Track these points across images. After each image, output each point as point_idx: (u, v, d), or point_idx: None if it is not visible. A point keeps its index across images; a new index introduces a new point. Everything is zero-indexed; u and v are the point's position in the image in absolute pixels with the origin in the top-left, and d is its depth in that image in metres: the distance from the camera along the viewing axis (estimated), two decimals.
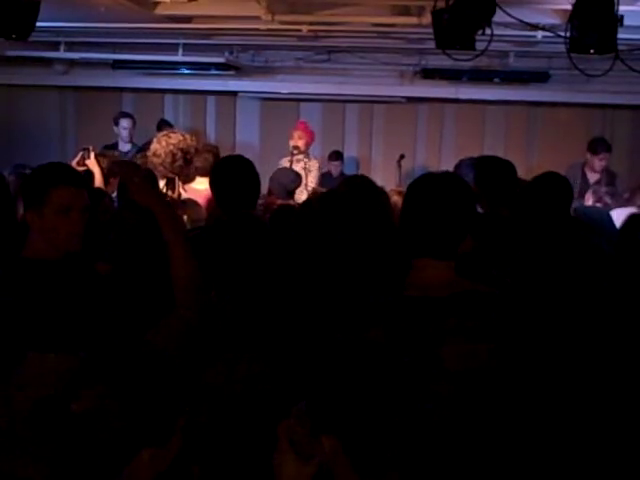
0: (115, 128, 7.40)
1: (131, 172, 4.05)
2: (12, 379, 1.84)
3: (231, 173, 3.17)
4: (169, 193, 4.13)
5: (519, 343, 1.75)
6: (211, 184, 3.29)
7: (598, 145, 6.44)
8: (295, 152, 6.40)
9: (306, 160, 6.49)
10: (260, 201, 3.93)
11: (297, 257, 3.02)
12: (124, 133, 7.32)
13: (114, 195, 4.29)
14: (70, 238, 2.24)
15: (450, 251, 1.85)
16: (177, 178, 4.24)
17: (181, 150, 4.35)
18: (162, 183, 4.18)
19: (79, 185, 2.31)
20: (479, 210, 3.15)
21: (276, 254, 3.03)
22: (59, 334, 2.04)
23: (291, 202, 4.80)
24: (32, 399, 1.82)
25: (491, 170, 3.70)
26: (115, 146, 7.10)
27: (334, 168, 7.74)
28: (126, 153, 6.77)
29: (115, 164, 4.70)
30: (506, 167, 3.76)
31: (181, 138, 4.44)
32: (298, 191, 5.30)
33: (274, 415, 1.64)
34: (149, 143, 4.62)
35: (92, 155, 4.43)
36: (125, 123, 7.34)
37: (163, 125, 7.61)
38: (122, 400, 1.72)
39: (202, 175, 4.65)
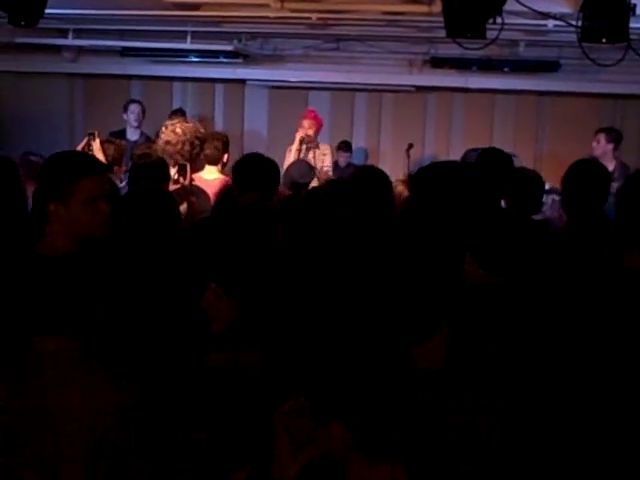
0: (124, 115, 7.36)
1: None
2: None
3: (254, 165, 3.21)
4: (180, 180, 4.13)
5: (528, 335, 1.74)
6: (233, 172, 3.32)
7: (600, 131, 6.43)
8: (307, 142, 6.29)
9: (316, 149, 6.39)
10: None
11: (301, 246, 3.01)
12: (132, 117, 7.24)
13: (121, 185, 4.28)
14: (99, 226, 2.25)
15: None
16: (188, 165, 4.24)
17: (197, 138, 4.37)
18: (173, 171, 4.17)
19: (103, 172, 2.32)
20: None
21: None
22: (66, 320, 2.04)
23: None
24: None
25: (490, 164, 3.68)
26: (122, 133, 7.06)
27: (343, 159, 7.72)
28: (135, 142, 6.73)
29: None
30: (504, 160, 3.75)
31: (192, 126, 4.44)
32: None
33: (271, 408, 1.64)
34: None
35: (98, 141, 4.43)
36: (133, 107, 7.28)
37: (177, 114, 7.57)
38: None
39: (211, 163, 4.64)
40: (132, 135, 7.20)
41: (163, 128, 4.43)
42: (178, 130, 4.33)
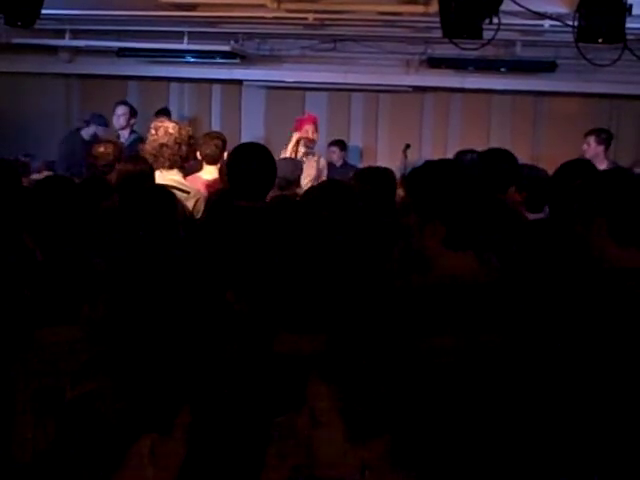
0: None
1: None
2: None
3: (248, 161, 3.14)
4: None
5: (527, 333, 1.75)
6: (227, 171, 3.27)
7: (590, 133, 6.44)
8: (311, 146, 6.20)
9: (318, 159, 6.27)
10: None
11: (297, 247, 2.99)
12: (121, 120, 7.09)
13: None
14: None
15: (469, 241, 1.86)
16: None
17: (190, 137, 4.33)
18: (158, 173, 4.11)
19: None
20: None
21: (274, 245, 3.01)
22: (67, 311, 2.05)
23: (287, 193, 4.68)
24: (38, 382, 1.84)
25: (494, 163, 3.67)
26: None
27: (333, 155, 7.70)
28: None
29: None
30: (509, 159, 3.74)
31: (180, 126, 4.38)
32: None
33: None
34: None
35: None
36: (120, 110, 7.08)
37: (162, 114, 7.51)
38: (120, 387, 1.72)
39: (210, 163, 4.61)
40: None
41: (153, 130, 4.30)
42: (171, 131, 4.24)
